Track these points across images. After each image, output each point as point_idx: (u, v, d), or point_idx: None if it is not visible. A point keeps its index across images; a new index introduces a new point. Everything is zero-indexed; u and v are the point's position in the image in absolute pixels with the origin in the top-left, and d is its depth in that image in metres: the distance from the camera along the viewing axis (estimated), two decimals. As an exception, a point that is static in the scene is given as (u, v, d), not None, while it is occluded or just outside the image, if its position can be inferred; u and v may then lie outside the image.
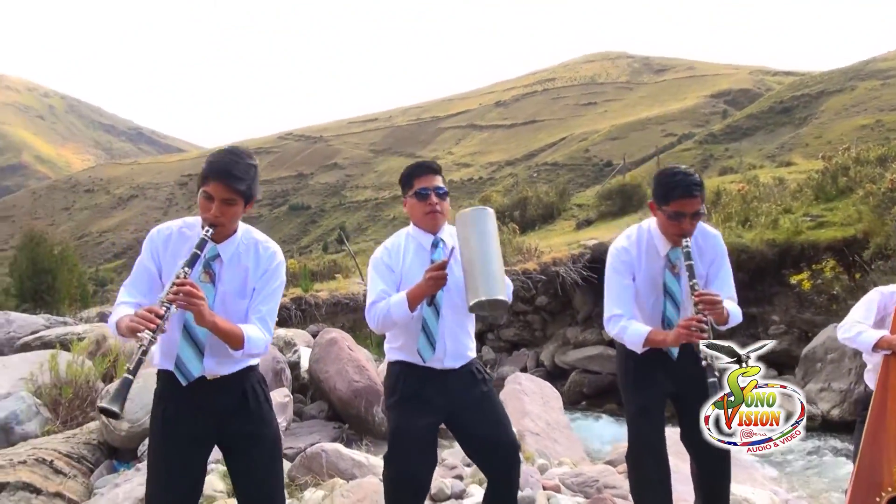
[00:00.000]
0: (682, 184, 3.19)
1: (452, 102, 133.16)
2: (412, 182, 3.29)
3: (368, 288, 3.29)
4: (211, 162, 2.67)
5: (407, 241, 3.33)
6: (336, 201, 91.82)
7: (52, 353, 6.20)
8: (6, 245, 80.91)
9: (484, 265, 2.94)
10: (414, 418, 3.20)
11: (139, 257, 2.83)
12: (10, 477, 4.73)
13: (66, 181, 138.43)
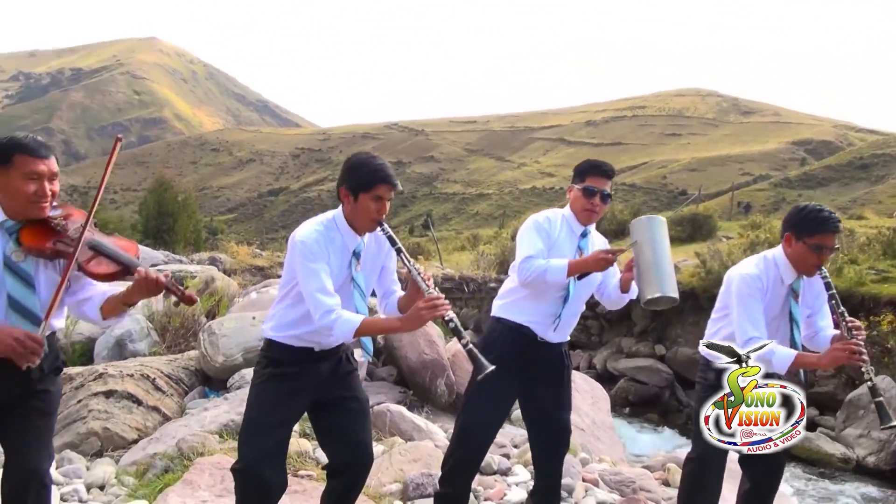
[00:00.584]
0: (831, 219, 3.16)
1: (546, 116, 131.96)
2: (585, 177, 3.33)
3: (525, 243, 3.27)
4: (376, 170, 2.70)
5: (562, 222, 3.38)
6: (427, 191, 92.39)
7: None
8: (139, 187, 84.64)
9: (662, 266, 3.07)
10: (506, 378, 3.17)
11: (309, 266, 2.69)
12: (119, 386, 4.96)
13: (197, 139, 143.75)
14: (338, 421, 2.89)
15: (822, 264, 3.16)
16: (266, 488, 2.75)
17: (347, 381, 2.92)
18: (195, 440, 4.21)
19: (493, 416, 3.38)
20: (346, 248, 2.78)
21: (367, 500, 3.73)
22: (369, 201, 2.68)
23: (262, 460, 2.72)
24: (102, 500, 3.80)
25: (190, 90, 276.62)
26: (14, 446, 2.49)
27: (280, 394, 2.78)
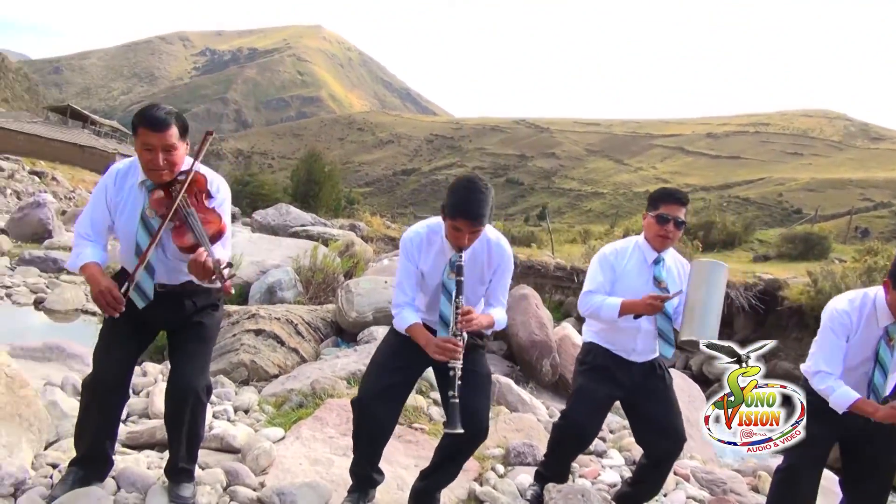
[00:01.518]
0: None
1: (668, 125, 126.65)
2: (658, 205, 3.17)
3: (589, 277, 3.24)
4: (457, 203, 2.62)
5: (634, 249, 3.26)
6: (545, 184, 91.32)
7: (314, 245, 6.76)
8: (293, 155, 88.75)
9: (705, 314, 2.91)
10: (597, 385, 3.20)
11: (400, 261, 2.87)
12: (267, 327, 5.24)
13: (346, 118, 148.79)
14: None
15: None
16: (376, 423, 2.85)
17: (471, 355, 2.85)
18: (327, 382, 4.38)
19: (596, 413, 3.27)
20: (444, 255, 2.79)
21: (471, 459, 3.75)
22: (450, 227, 2.67)
23: (376, 397, 2.82)
24: (246, 422, 4.03)
25: (345, 74, 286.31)
26: (176, 365, 2.72)
27: (402, 346, 2.86)
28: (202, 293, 2.70)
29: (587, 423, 3.22)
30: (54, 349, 4.76)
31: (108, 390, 2.66)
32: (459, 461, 2.98)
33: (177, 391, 2.67)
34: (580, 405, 3.23)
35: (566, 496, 3.17)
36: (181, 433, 2.70)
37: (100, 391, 2.65)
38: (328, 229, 8.87)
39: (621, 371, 3.19)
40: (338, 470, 3.37)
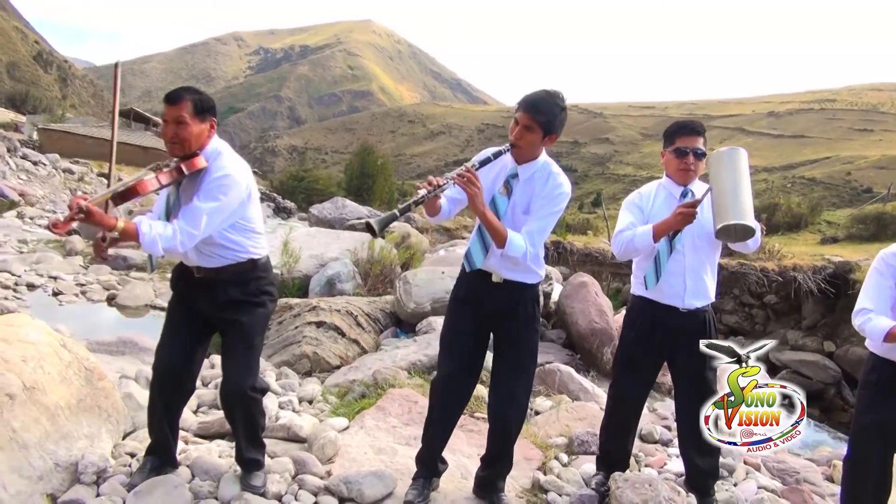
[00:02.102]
0: None
1: (727, 105, 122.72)
2: (674, 139, 3.12)
3: (618, 221, 3.20)
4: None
5: (658, 189, 3.20)
6: (600, 170, 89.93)
7: (371, 238, 6.81)
8: (346, 150, 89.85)
9: (734, 195, 2.78)
10: (646, 350, 3.16)
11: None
12: (328, 318, 5.32)
13: (397, 111, 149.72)
14: (500, 361, 2.93)
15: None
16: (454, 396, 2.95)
17: (517, 321, 2.88)
18: (388, 373, 4.42)
19: (638, 386, 3.25)
20: (504, 170, 2.83)
21: (534, 447, 3.73)
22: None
23: (451, 374, 2.90)
24: (311, 412, 4.11)
25: (395, 67, 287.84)
26: (223, 364, 2.81)
27: (450, 319, 2.92)
28: (235, 284, 2.74)
29: (633, 389, 3.24)
30: (127, 343, 4.96)
31: (165, 378, 2.78)
32: (507, 444, 2.99)
33: (225, 393, 2.77)
34: (627, 370, 3.23)
35: (633, 485, 3.11)
36: (238, 429, 2.83)
37: (158, 379, 2.80)
38: (384, 221, 8.96)
39: (664, 329, 3.11)
40: (402, 459, 3.40)
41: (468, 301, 2.88)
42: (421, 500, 2.93)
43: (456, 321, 2.92)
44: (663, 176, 3.25)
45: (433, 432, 2.99)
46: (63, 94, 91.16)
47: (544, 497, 3.25)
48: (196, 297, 2.77)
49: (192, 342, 2.82)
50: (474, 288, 2.87)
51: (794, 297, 13.26)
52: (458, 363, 2.90)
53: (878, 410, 2.86)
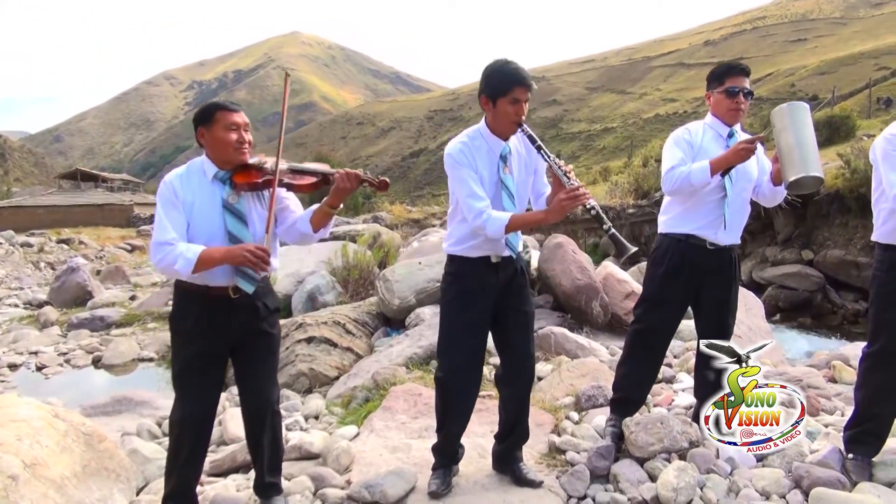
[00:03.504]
0: None
1: (663, 43, 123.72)
2: (724, 80, 3.16)
3: (667, 157, 3.19)
4: (510, 73, 2.67)
5: (705, 129, 3.24)
6: (554, 133, 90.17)
7: (343, 244, 6.79)
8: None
9: (805, 148, 2.85)
10: (672, 286, 3.21)
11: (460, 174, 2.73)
12: (317, 332, 5.29)
13: (344, 116, 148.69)
14: (507, 333, 2.92)
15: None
16: (463, 394, 2.90)
17: (522, 293, 2.91)
18: (387, 372, 4.42)
19: (667, 324, 3.30)
20: (493, 153, 2.76)
21: (544, 412, 3.76)
22: (507, 105, 2.67)
23: (459, 368, 2.85)
24: (319, 427, 4.10)
25: (332, 73, 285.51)
26: (251, 380, 2.73)
27: (465, 305, 2.83)
28: (269, 294, 2.73)
29: (660, 320, 3.27)
30: (122, 401, 4.90)
31: (192, 430, 2.66)
32: (524, 413, 3.02)
33: (255, 408, 2.73)
34: (654, 305, 3.26)
35: (646, 427, 3.16)
36: (264, 449, 2.77)
37: (185, 431, 2.65)
38: (353, 226, 8.91)
39: (693, 267, 3.16)
40: (417, 453, 3.41)
41: (480, 290, 2.83)
42: (444, 488, 2.95)
43: (467, 313, 2.83)
44: (708, 117, 3.29)
45: (451, 423, 2.96)
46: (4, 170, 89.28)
47: (563, 457, 3.28)
48: (228, 325, 2.60)
49: (215, 387, 2.72)
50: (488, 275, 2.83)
51: (766, 215, 13.48)
52: (470, 353, 2.87)
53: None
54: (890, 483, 2.89)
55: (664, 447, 3.09)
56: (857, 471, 2.96)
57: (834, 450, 3.12)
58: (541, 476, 3.05)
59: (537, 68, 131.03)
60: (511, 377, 2.98)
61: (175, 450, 2.71)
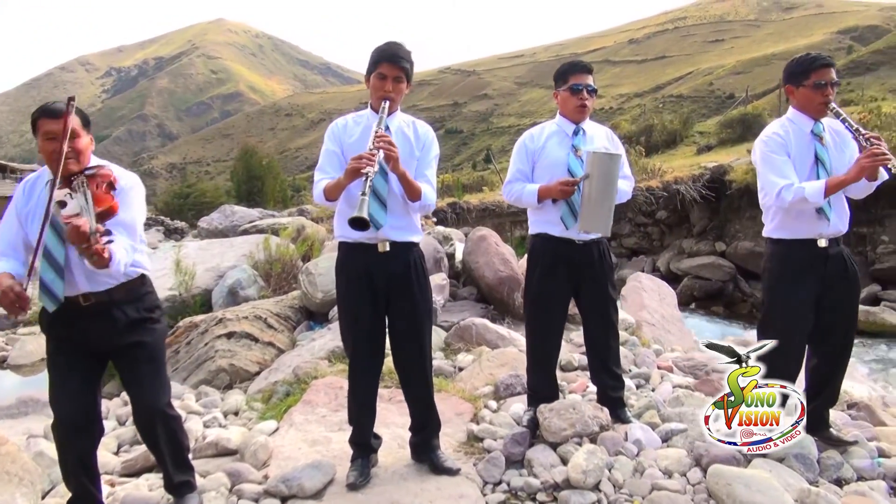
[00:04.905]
0: (818, 57, 3.08)
1: (590, 40, 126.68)
2: (568, 78, 3.27)
3: (510, 168, 3.34)
4: (380, 49, 2.78)
5: (549, 130, 3.34)
6: (485, 126, 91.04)
7: (265, 237, 6.65)
8: (227, 157, 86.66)
9: (600, 205, 3.03)
10: (553, 284, 3.29)
11: (323, 147, 2.87)
12: (237, 328, 5.20)
13: (272, 107, 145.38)
14: (395, 328, 2.93)
15: (828, 100, 3.01)
16: (362, 384, 2.95)
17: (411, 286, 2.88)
18: (308, 366, 4.39)
19: (556, 318, 3.40)
20: (370, 128, 2.79)
21: (463, 402, 3.83)
22: (376, 80, 2.77)
23: (355, 359, 2.92)
24: (239, 423, 4.03)
25: (260, 63, 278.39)
26: (134, 388, 2.66)
27: (351, 293, 2.85)
28: (130, 302, 2.58)
29: (552, 323, 3.38)
30: (28, 402, 4.68)
31: (69, 431, 2.56)
32: (428, 409, 3.07)
33: (142, 417, 2.66)
34: (540, 309, 3.36)
35: (559, 413, 3.26)
36: (162, 451, 2.71)
37: (63, 430, 2.56)
38: (277, 219, 8.75)
39: (565, 260, 3.27)
40: (337, 445, 3.41)
41: (364, 275, 2.83)
42: (363, 479, 2.96)
43: (354, 300, 2.87)
44: (556, 115, 3.38)
45: (358, 412, 3.01)
46: None
47: (480, 445, 3.35)
48: (86, 331, 2.51)
49: (86, 386, 2.58)
50: (369, 261, 2.83)
51: (682, 208, 14.08)
52: (364, 339, 2.90)
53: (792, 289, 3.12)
54: (781, 458, 3.08)
55: (576, 432, 3.20)
56: (752, 448, 3.15)
57: (734, 429, 3.30)
58: (458, 464, 3.11)
59: (468, 63, 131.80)
60: (405, 379, 3.05)
61: (62, 455, 2.61)
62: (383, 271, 2.83)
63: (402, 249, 2.86)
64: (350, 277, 2.87)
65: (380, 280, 2.83)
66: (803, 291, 3.07)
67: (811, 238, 3.05)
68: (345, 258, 2.91)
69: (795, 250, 3.08)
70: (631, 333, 5.29)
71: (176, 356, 5.24)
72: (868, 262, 11.52)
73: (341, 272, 2.92)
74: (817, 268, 3.06)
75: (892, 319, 9.88)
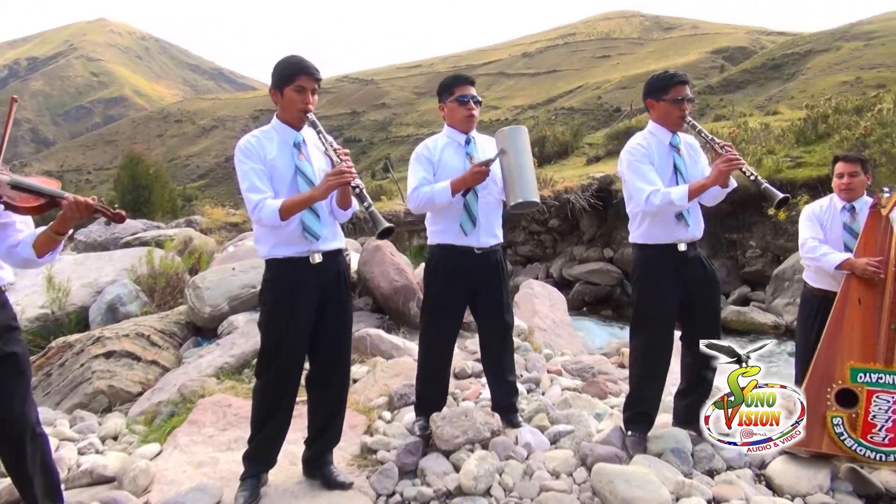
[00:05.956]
0: (675, 75, 3.30)
1: (486, 52, 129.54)
2: (453, 90, 3.33)
3: (411, 177, 3.33)
4: (295, 63, 2.76)
5: (443, 142, 3.39)
6: (383, 136, 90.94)
7: (148, 250, 6.32)
8: (111, 165, 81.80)
9: (520, 172, 3.07)
10: (451, 295, 3.33)
11: (244, 168, 2.73)
12: (117, 346, 4.91)
13: (159, 112, 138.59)
14: (326, 336, 2.89)
15: (684, 114, 3.22)
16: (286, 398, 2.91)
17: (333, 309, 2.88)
18: (195, 384, 4.21)
19: (451, 328, 3.44)
20: (286, 143, 2.80)
21: (357, 414, 3.79)
22: (293, 93, 2.74)
23: (279, 381, 2.86)
24: (118, 449, 3.80)
25: (146, 66, 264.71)
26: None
27: (282, 314, 2.79)
28: None
29: (446, 333, 3.41)
30: None
31: None
32: (336, 416, 3.04)
33: (10, 436, 2.44)
34: (436, 316, 3.38)
35: (451, 420, 3.30)
36: (32, 477, 2.49)
37: None
38: (162, 231, 8.33)
39: (466, 269, 3.30)
40: (225, 465, 3.28)
41: (299, 291, 2.78)
42: (252, 499, 2.87)
43: (285, 318, 2.80)
44: (445, 128, 3.42)
45: (276, 424, 2.93)
46: None
47: (374, 457, 3.33)
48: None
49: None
50: (301, 276, 2.79)
51: (572, 216, 14.63)
52: (300, 353, 2.86)
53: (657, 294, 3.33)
54: (659, 453, 3.27)
55: (468, 438, 3.24)
56: (634, 445, 3.32)
57: (616, 429, 3.47)
58: (351, 477, 3.08)
59: (366, 71, 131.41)
60: (323, 385, 2.99)
61: None
62: (315, 284, 2.80)
63: (332, 258, 2.86)
64: (282, 295, 2.79)
65: (312, 295, 2.79)
66: (668, 293, 3.27)
67: (672, 243, 3.27)
68: (275, 276, 2.82)
69: (659, 255, 3.30)
70: (523, 339, 5.43)
71: (48, 379, 4.87)
72: (738, 265, 12.42)
73: (271, 290, 2.83)
74: (679, 270, 3.28)
75: (760, 318, 10.70)
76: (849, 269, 3.51)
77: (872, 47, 50.85)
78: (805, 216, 3.93)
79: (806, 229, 3.89)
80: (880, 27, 54.52)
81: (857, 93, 30.20)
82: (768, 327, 10.46)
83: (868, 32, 54.88)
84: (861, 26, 57.74)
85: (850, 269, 3.50)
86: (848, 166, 3.79)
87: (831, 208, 3.86)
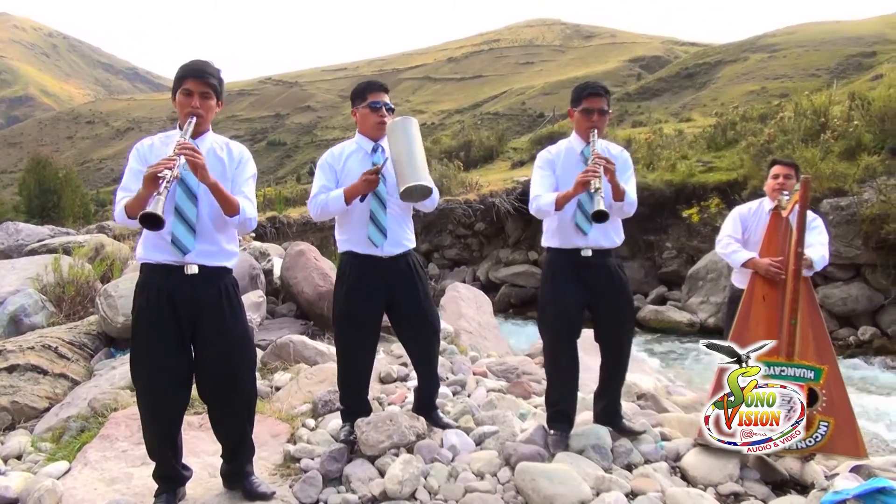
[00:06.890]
0: (590, 85, 3.45)
1: (411, 56, 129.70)
2: (366, 96, 3.32)
3: (313, 184, 3.32)
4: (185, 66, 2.68)
5: (350, 149, 3.37)
6: (308, 139, 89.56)
7: (55, 257, 5.99)
8: (15, 168, 77.17)
9: (409, 159, 3.03)
10: (361, 302, 3.27)
11: (128, 166, 2.70)
12: (20, 360, 4.63)
13: (69, 113, 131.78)
14: (203, 357, 2.74)
15: (592, 125, 3.33)
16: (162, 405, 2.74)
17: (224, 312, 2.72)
18: (107, 398, 4.02)
19: (365, 335, 3.38)
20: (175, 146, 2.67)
21: (280, 422, 3.72)
22: (180, 96, 2.66)
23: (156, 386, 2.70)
24: (22, 468, 3.58)
25: (54, 64, 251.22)
26: None
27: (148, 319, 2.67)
28: None
29: (361, 345, 3.37)
30: None
31: None
32: (243, 430, 2.90)
33: None
34: (348, 328, 3.34)
35: (376, 426, 3.28)
36: None
37: None
38: (72, 237, 7.88)
39: (377, 276, 3.28)
40: (139, 481, 3.15)
41: (167, 300, 2.64)
42: (168, 515, 2.77)
43: (152, 327, 2.67)
44: (356, 134, 3.39)
45: (158, 447, 2.80)
46: None
47: (297, 465, 3.27)
48: None
49: None
50: (172, 285, 2.65)
51: (498, 220, 14.84)
52: (168, 364, 2.69)
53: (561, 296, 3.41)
54: (581, 450, 3.35)
55: (393, 443, 3.23)
56: (556, 444, 3.40)
57: (539, 427, 3.54)
58: (273, 487, 3.01)
59: (289, 74, 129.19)
60: (213, 410, 2.88)
61: None
62: (188, 296, 2.65)
63: (211, 274, 2.70)
64: (150, 301, 2.66)
65: (183, 306, 2.65)
66: (569, 294, 3.38)
67: (574, 248, 3.38)
68: (145, 281, 2.71)
69: (561, 258, 3.43)
70: (450, 342, 5.46)
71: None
72: (656, 266, 12.92)
73: (140, 295, 2.72)
74: (581, 274, 3.38)
75: (677, 317, 11.16)
76: (753, 268, 3.72)
77: (776, 59, 53.95)
78: (730, 216, 4.19)
79: (726, 227, 4.15)
80: (782, 40, 57.88)
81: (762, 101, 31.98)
82: (684, 325, 10.92)
83: (772, 45, 58.18)
84: (766, 39, 61.14)
85: (755, 268, 3.71)
86: (784, 169, 4.09)
87: (760, 210, 4.12)
